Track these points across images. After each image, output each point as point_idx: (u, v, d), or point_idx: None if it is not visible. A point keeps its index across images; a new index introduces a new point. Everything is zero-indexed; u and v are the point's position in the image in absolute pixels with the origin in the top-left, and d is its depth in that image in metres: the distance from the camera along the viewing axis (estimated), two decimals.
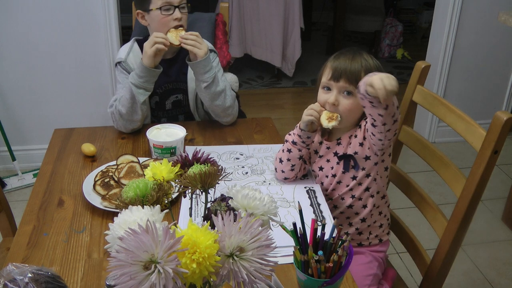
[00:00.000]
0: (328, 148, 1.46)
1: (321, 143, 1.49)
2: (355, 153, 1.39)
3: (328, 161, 1.47)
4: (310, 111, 1.39)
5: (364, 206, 1.44)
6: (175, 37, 1.71)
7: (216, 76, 1.76)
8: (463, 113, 1.37)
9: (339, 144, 1.44)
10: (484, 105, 3.31)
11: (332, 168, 1.46)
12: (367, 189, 1.43)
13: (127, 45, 1.89)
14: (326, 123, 1.36)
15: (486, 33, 3.11)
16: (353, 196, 1.44)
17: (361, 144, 1.38)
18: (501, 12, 2.62)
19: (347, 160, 1.42)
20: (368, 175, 1.41)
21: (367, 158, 1.39)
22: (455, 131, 1.40)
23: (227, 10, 2.45)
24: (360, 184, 1.42)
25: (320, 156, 1.49)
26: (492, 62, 3.23)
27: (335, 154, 1.44)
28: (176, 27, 1.75)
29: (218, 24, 2.42)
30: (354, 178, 1.42)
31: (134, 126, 1.77)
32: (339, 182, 1.45)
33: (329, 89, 1.39)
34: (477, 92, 3.30)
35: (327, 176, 1.47)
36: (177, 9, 1.75)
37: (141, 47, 1.84)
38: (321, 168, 1.49)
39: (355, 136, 1.40)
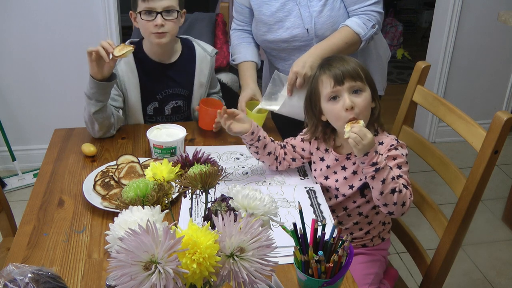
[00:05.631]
0: (336, 160, 1.44)
1: (326, 150, 1.47)
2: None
3: (335, 173, 1.45)
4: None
5: (374, 208, 1.44)
6: (118, 50, 1.55)
7: None
8: (463, 113, 1.37)
9: (348, 159, 1.41)
10: (484, 105, 3.31)
11: (337, 180, 1.44)
12: (374, 207, 1.44)
13: None
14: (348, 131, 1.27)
15: (486, 33, 3.11)
16: (360, 213, 1.45)
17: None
18: (501, 12, 2.62)
19: (366, 189, 1.40)
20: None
21: None
22: (455, 131, 1.40)
23: (227, 10, 2.46)
24: (368, 202, 1.43)
25: (328, 166, 1.46)
26: (492, 62, 3.23)
27: (343, 168, 1.43)
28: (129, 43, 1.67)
29: (219, 24, 2.42)
30: (363, 196, 1.42)
31: (99, 135, 1.71)
32: (345, 196, 1.44)
33: (335, 98, 1.34)
34: (477, 92, 3.30)
35: (330, 187, 1.46)
36: (159, 15, 1.66)
37: (135, 53, 1.77)
38: (326, 178, 1.47)
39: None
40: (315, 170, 1.51)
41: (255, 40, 1.91)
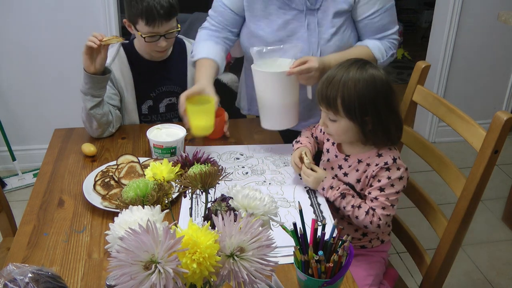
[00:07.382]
0: (336, 156, 1.45)
1: (333, 143, 1.48)
2: (357, 181, 1.39)
3: (332, 168, 1.46)
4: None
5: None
6: (107, 38, 1.57)
7: None
8: (463, 113, 1.37)
9: (346, 160, 1.42)
10: (484, 105, 3.31)
11: (333, 177, 1.44)
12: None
13: (114, 50, 1.80)
14: None
15: (486, 33, 3.11)
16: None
17: (358, 181, 1.38)
18: (501, 12, 2.62)
19: (362, 190, 1.41)
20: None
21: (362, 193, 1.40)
22: (455, 131, 1.40)
23: None
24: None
25: (328, 160, 1.47)
26: (492, 62, 3.23)
27: (340, 167, 1.43)
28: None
29: None
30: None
31: (98, 133, 1.71)
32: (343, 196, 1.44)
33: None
34: (477, 92, 3.30)
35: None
36: (162, 38, 1.68)
37: (127, 52, 1.79)
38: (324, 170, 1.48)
39: (358, 169, 1.38)
40: (322, 160, 1.53)
41: (244, 50, 1.75)
